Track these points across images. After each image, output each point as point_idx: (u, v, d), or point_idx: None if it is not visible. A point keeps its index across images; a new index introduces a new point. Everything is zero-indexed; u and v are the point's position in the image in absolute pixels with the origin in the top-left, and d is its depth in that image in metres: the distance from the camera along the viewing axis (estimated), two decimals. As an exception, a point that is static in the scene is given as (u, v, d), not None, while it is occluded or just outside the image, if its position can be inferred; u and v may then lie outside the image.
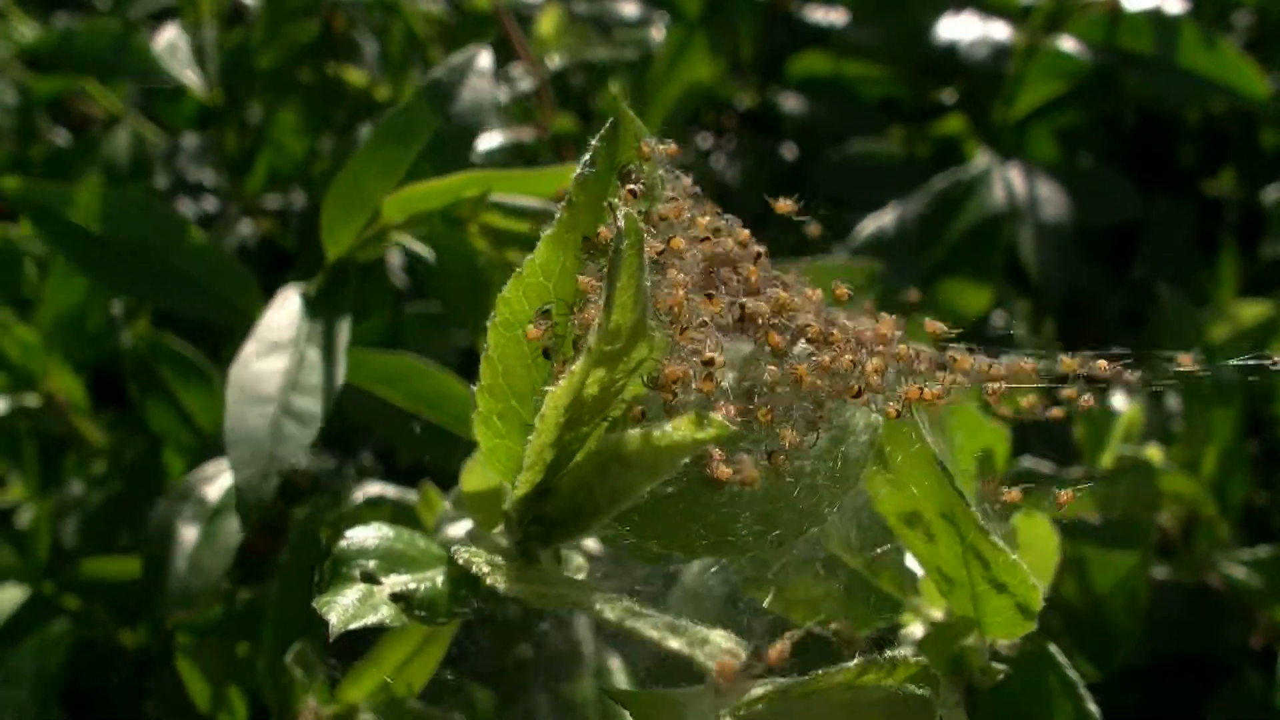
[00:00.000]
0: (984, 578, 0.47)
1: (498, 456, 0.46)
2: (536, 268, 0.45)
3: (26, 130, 1.33)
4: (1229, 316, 1.24)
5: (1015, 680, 0.51)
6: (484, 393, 0.45)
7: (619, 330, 0.39)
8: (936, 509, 0.47)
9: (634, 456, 0.39)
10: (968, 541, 0.46)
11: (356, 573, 0.46)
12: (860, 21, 1.42)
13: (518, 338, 0.45)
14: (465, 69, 0.73)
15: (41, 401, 1.01)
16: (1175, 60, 1.19)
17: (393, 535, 0.48)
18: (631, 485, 0.40)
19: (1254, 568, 0.98)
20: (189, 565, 0.77)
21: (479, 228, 0.64)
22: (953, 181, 1.15)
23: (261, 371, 0.66)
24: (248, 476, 0.63)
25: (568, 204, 0.45)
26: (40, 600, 0.93)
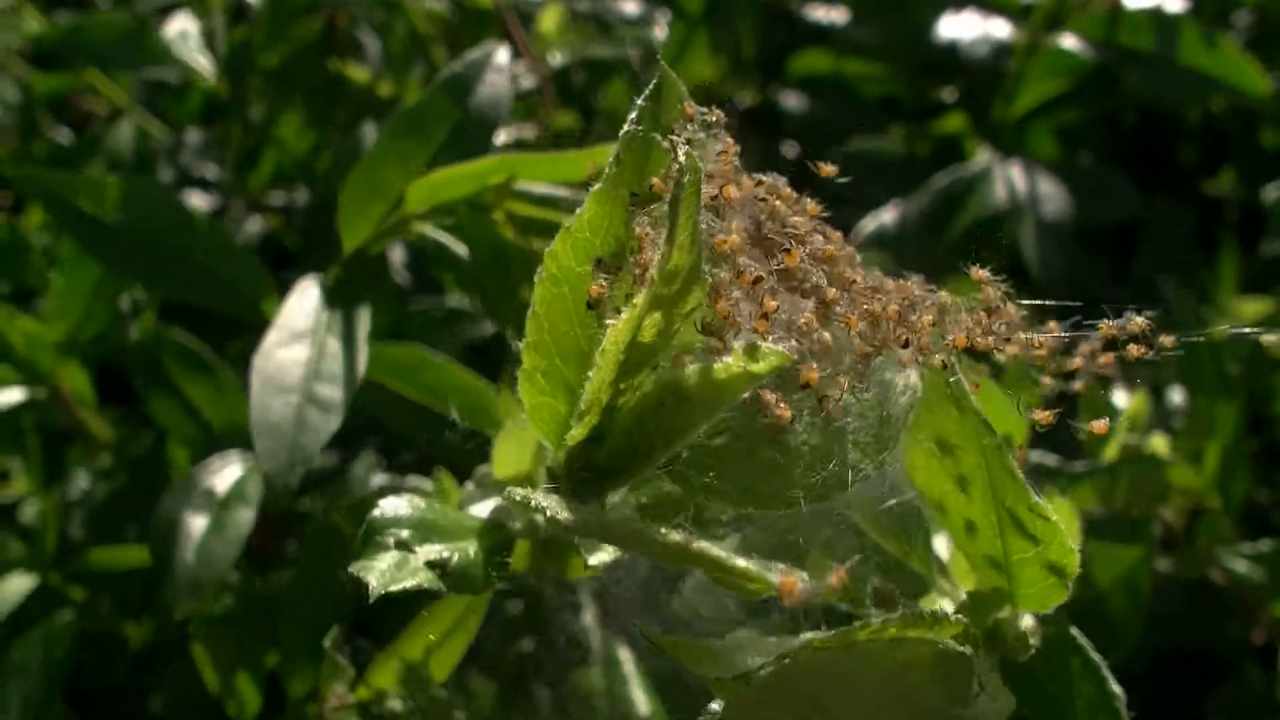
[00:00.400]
0: (1019, 546, 0.47)
1: (541, 415, 0.46)
2: (584, 223, 0.45)
3: (28, 127, 1.33)
4: (1229, 314, 1.24)
5: (1039, 663, 0.51)
6: (529, 349, 0.45)
7: (677, 272, 0.39)
8: (974, 469, 0.47)
9: (692, 390, 0.39)
10: (1005, 507, 0.46)
11: (390, 541, 0.46)
12: (861, 20, 1.42)
13: (564, 294, 0.45)
14: (483, 63, 0.74)
15: (47, 395, 1.01)
16: (1176, 58, 1.19)
17: (424, 506, 0.48)
18: (689, 421, 0.40)
19: (1256, 561, 0.98)
20: (197, 556, 0.77)
21: (504, 215, 0.65)
22: (954, 179, 1.15)
23: (284, 361, 0.66)
24: (275, 466, 0.63)
25: (615, 161, 0.45)
26: (46, 590, 0.93)
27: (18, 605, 0.91)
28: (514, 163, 0.64)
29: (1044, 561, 0.48)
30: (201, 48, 1.10)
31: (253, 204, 1.31)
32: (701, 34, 1.25)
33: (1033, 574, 0.49)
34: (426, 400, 0.77)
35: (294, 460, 0.63)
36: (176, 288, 0.80)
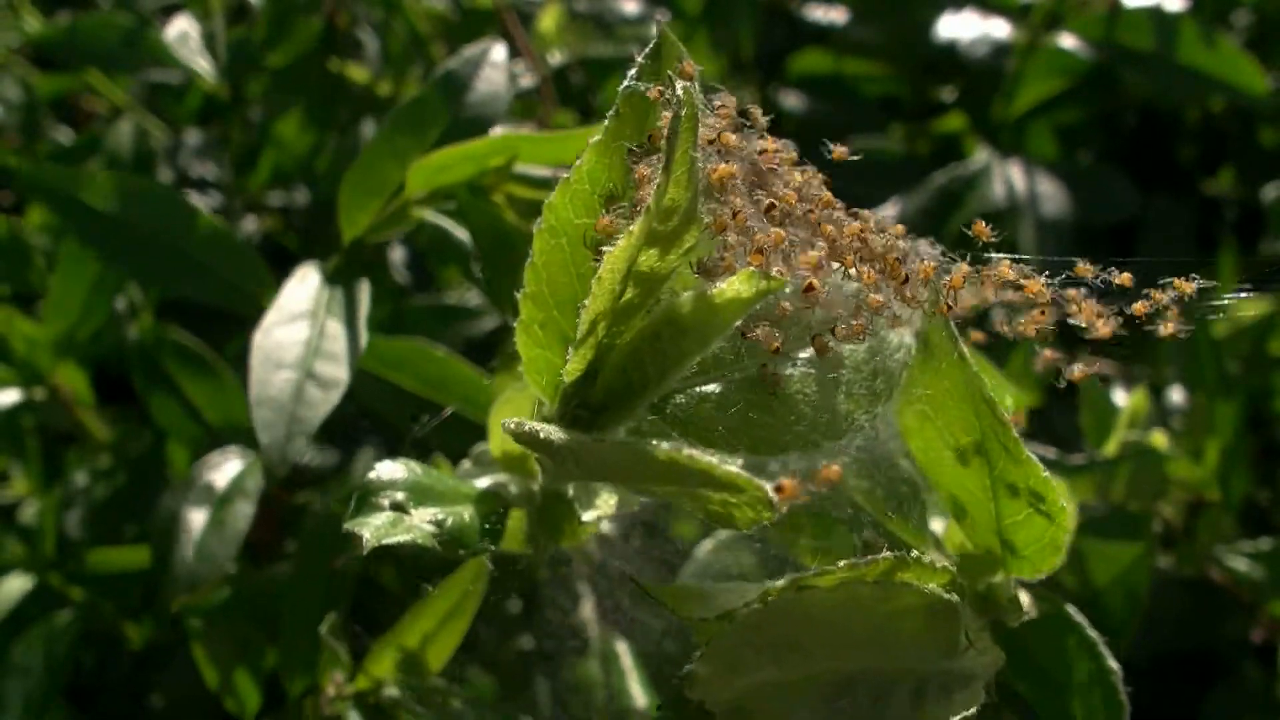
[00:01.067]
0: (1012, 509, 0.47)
1: (537, 367, 0.46)
2: (583, 175, 0.45)
3: (30, 127, 1.33)
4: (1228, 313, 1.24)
5: (1035, 640, 0.51)
6: (527, 300, 0.45)
7: (673, 207, 0.39)
8: (969, 432, 0.47)
9: (688, 319, 0.40)
10: (998, 471, 0.47)
11: (385, 502, 0.46)
12: (860, 19, 1.42)
13: (562, 245, 0.45)
14: (479, 61, 0.74)
15: (47, 396, 1.01)
16: (1174, 57, 1.19)
17: (420, 471, 0.48)
18: (684, 351, 0.40)
19: (1256, 560, 0.98)
20: (196, 552, 0.77)
21: (505, 198, 0.65)
22: (953, 177, 1.15)
23: (283, 339, 0.67)
24: (273, 436, 0.64)
25: (614, 115, 0.45)
26: (45, 590, 0.93)
27: (17, 605, 0.91)
28: (515, 143, 0.65)
29: (1038, 524, 0.48)
30: (202, 49, 1.10)
31: (252, 204, 1.32)
32: (701, 33, 1.25)
33: (1026, 537, 0.49)
34: (426, 393, 0.77)
35: (292, 432, 0.64)
36: (176, 283, 0.80)
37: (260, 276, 0.77)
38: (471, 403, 0.74)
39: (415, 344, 0.76)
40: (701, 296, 0.39)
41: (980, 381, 0.45)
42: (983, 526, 0.49)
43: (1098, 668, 0.52)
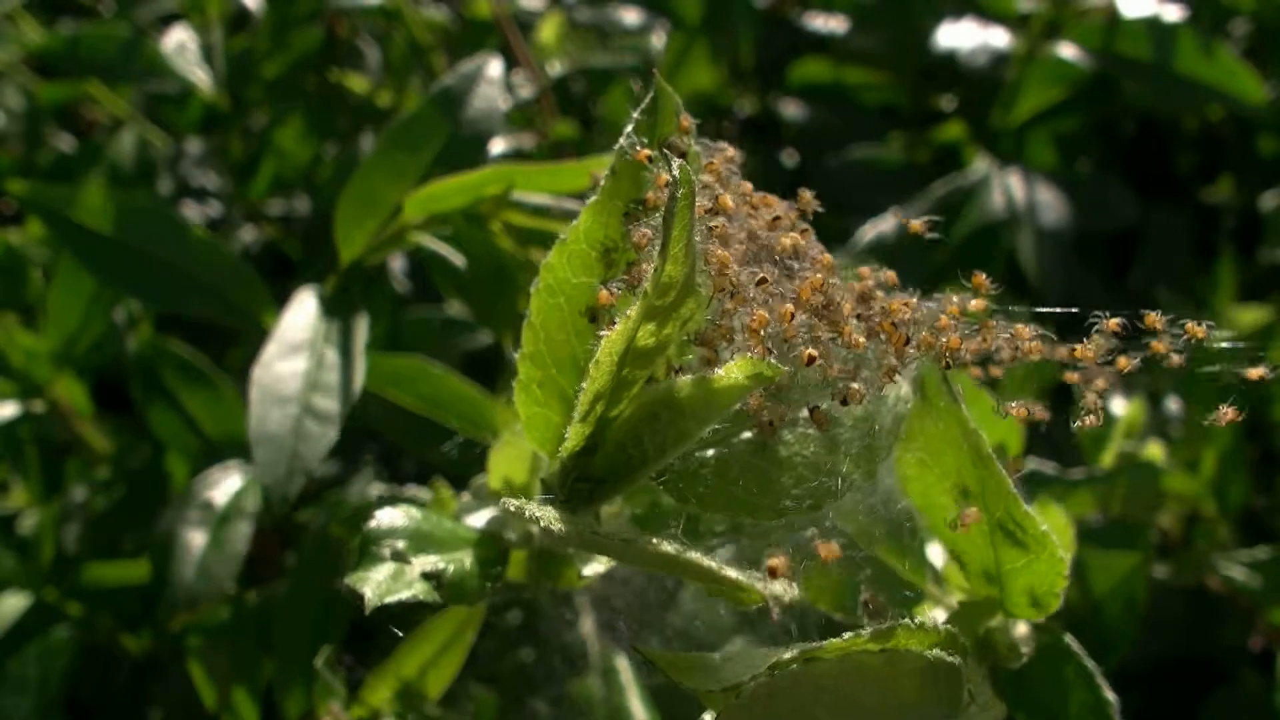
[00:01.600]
0: (1011, 555, 0.48)
1: (536, 425, 0.46)
2: (580, 235, 0.45)
3: (33, 136, 1.34)
4: (1227, 321, 1.24)
5: (1033, 670, 0.52)
6: (525, 360, 0.46)
7: (671, 283, 0.39)
8: (967, 480, 0.47)
9: (686, 402, 0.40)
10: (996, 517, 0.47)
11: (386, 552, 0.46)
12: (860, 28, 1.42)
13: (560, 305, 0.45)
14: (475, 76, 0.74)
15: (46, 408, 1.01)
16: (1173, 66, 1.19)
17: (420, 517, 0.48)
18: (682, 432, 0.41)
19: (1253, 568, 0.98)
20: (197, 571, 0.77)
21: (501, 226, 0.65)
22: (953, 187, 1.15)
23: (282, 373, 0.67)
24: (274, 476, 0.64)
25: (611, 173, 0.45)
26: (42, 607, 0.93)
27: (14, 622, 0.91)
28: (511, 173, 0.65)
29: (1035, 571, 0.48)
30: (200, 60, 1.10)
31: (252, 213, 1.32)
32: (701, 43, 1.25)
33: (1024, 583, 0.49)
34: (425, 410, 0.77)
35: (292, 471, 0.64)
36: (174, 302, 0.80)
37: (258, 293, 0.77)
38: (471, 421, 0.74)
39: (414, 361, 0.77)
40: (699, 381, 0.40)
41: (978, 436, 0.46)
42: (981, 571, 0.50)
43: (1094, 699, 0.53)
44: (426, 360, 0.77)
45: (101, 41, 1.12)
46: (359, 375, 0.68)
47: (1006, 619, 0.51)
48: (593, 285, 0.45)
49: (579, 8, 1.36)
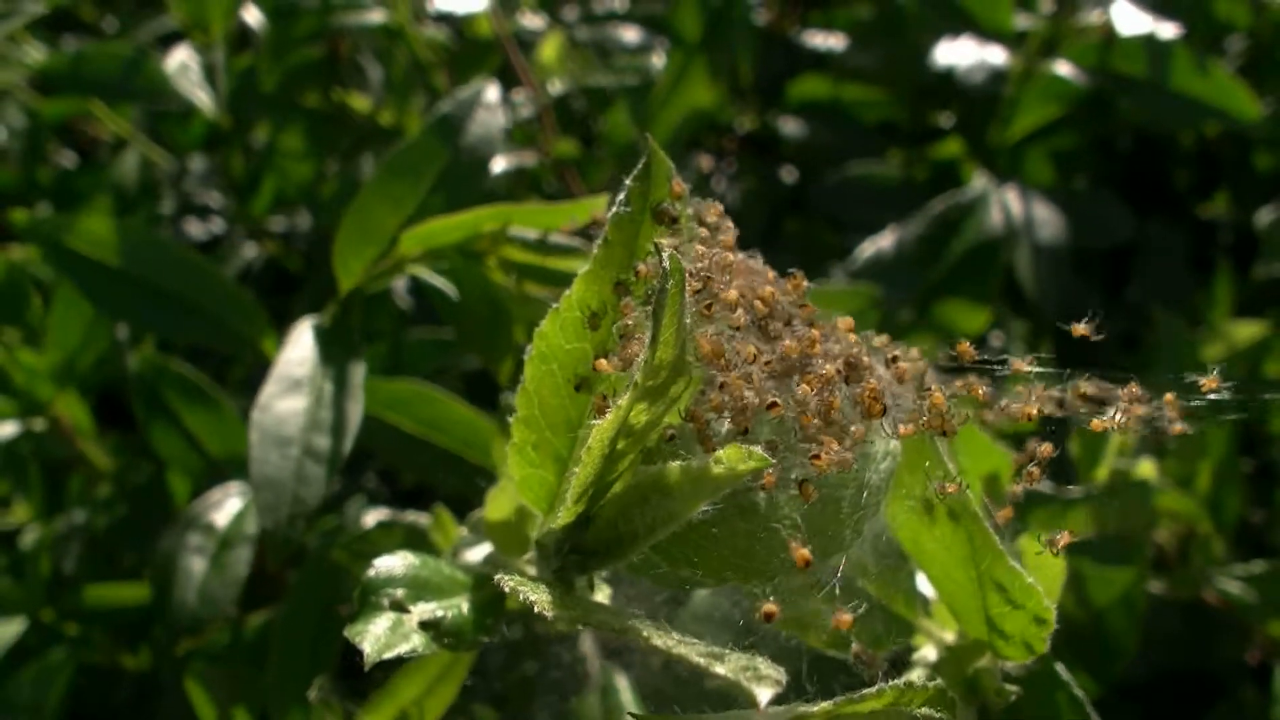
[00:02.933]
0: (998, 601, 0.48)
1: (530, 486, 0.47)
2: (573, 302, 0.46)
3: (34, 153, 1.34)
4: (1223, 337, 1.25)
5: (1025, 699, 0.52)
6: (519, 424, 0.46)
7: (662, 365, 0.40)
8: (954, 537, 0.48)
9: (674, 487, 0.40)
10: (983, 568, 0.47)
11: (385, 601, 0.46)
12: (859, 45, 1.43)
13: (553, 370, 0.46)
14: (473, 102, 0.74)
15: (47, 426, 1.01)
16: (1168, 83, 1.20)
17: (418, 563, 0.48)
18: (672, 514, 0.41)
19: (1249, 583, 0.99)
20: (198, 595, 0.78)
21: (497, 261, 0.65)
22: (951, 204, 1.16)
23: (282, 413, 0.67)
24: (275, 520, 0.64)
25: (603, 242, 0.46)
26: (40, 628, 0.93)
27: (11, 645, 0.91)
28: (507, 213, 0.65)
29: (1022, 619, 0.49)
30: (201, 81, 1.11)
31: (254, 230, 1.32)
32: (700, 61, 1.25)
33: (1012, 628, 0.50)
34: (423, 434, 0.78)
35: (294, 514, 0.64)
36: (174, 330, 0.80)
37: (256, 319, 0.78)
38: (470, 445, 0.75)
39: (413, 385, 0.77)
40: (689, 469, 0.40)
41: (966, 498, 0.46)
42: (970, 614, 0.50)
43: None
44: (425, 384, 0.78)
45: (104, 60, 1.12)
46: (358, 413, 0.68)
47: (995, 659, 0.52)
48: (585, 350, 0.46)
49: (579, 26, 1.36)
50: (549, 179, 1.27)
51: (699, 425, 0.42)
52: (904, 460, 0.48)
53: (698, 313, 0.44)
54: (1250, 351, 1.23)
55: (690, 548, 0.45)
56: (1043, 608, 0.48)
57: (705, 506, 0.40)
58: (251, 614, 0.85)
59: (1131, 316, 1.39)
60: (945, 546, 0.48)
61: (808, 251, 1.39)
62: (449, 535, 0.68)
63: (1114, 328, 1.39)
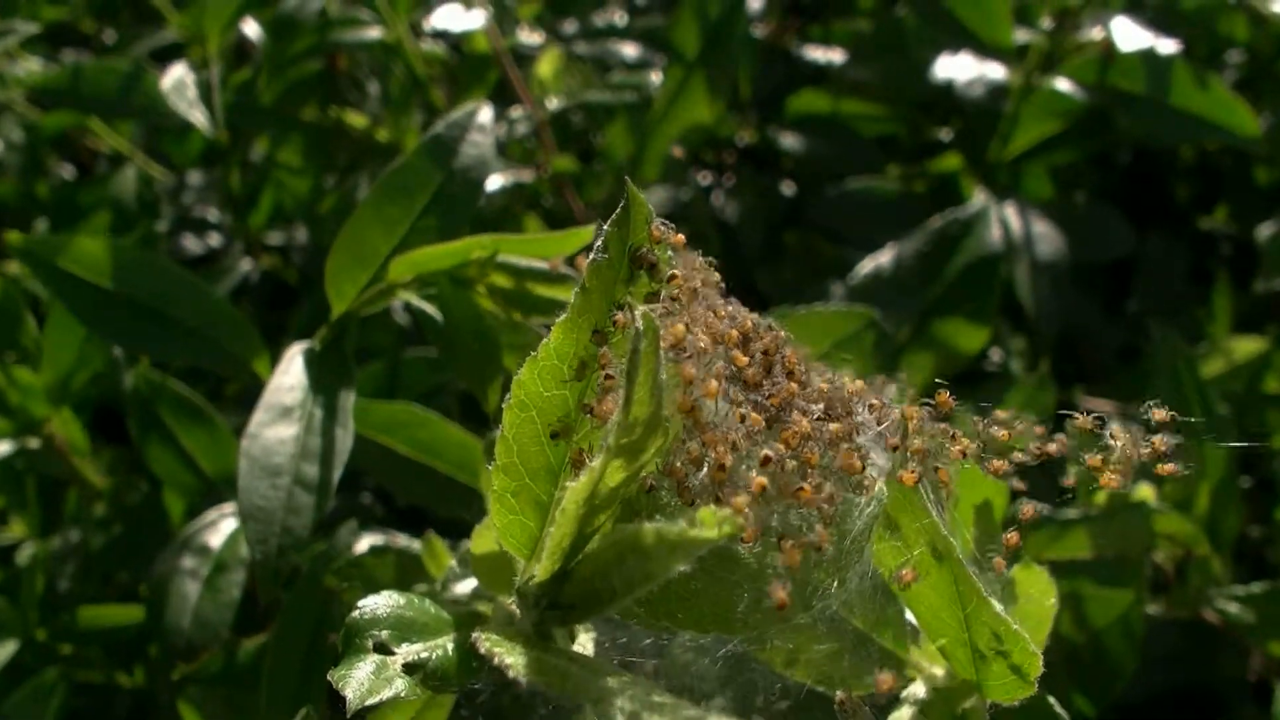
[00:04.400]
0: (986, 643, 0.48)
1: (512, 532, 0.47)
2: (551, 351, 0.46)
3: (33, 167, 1.34)
4: (1223, 352, 1.24)
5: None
6: (499, 472, 0.47)
7: (636, 423, 0.40)
8: (940, 578, 0.47)
9: (650, 550, 0.40)
10: (969, 610, 0.47)
11: (369, 643, 0.46)
12: (858, 59, 1.43)
13: (532, 418, 0.46)
14: (466, 124, 0.74)
15: (41, 444, 1.01)
16: (1168, 100, 1.20)
17: (404, 603, 0.48)
18: (649, 575, 0.41)
19: (1248, 603, 0.98)
20: (193, 620, 0.78)
21: (486, 288, 0.65)
22: (950, 220, 1.15)
23: (271, 441, 0.66)
24: (265, 552, 0.63)
25: (581, 289, 0.46)
26: (34, 647, 0.93)
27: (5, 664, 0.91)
28: (495, 242, 0.65)
29: (1010, 661, 0.48)
30: (197, 100, 1.10)
31: (252, 244, 1.32)
32: (698, 76, 1.25)
33: (999, 669, 0.49)
34: (417, 456, 0.78)
35: (284, 545, 0.63)
36: (167, 352, 0.80)
37: (250, 341, 0.77)
38: (463, 468, 0.75)
39: (408, 408, 0.77)
40: (665, 532, 0.39)
41: (950, 545, 0.46)
42: (958, 653, 0.50)
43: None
44: (419, 407, 0.78)
45: (102, 77, 1.12)
46: (348, 440, 0.67)
47: (982, 699, 0.51)
48: (565, 398, 0.46)
49: (578, 41, 1.36)
50: (547, 195, 1.27)
51: (677, 478, 0.42)
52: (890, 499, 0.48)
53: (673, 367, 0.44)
54: (1250, 366, 1.23)
55: (671, 600, 0.45)
56: (1029, 654, 0.48)
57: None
58: (246, 638, 0.85)
59: (1131, 329, 1.39)
60: (931, 587, 0.48)
61: (807, 265, 1.38)
62: (441, 562, 0.68)
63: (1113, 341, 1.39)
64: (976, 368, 1.26)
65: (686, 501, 0.42)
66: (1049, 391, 1.14)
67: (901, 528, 0.47)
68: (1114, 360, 1.40)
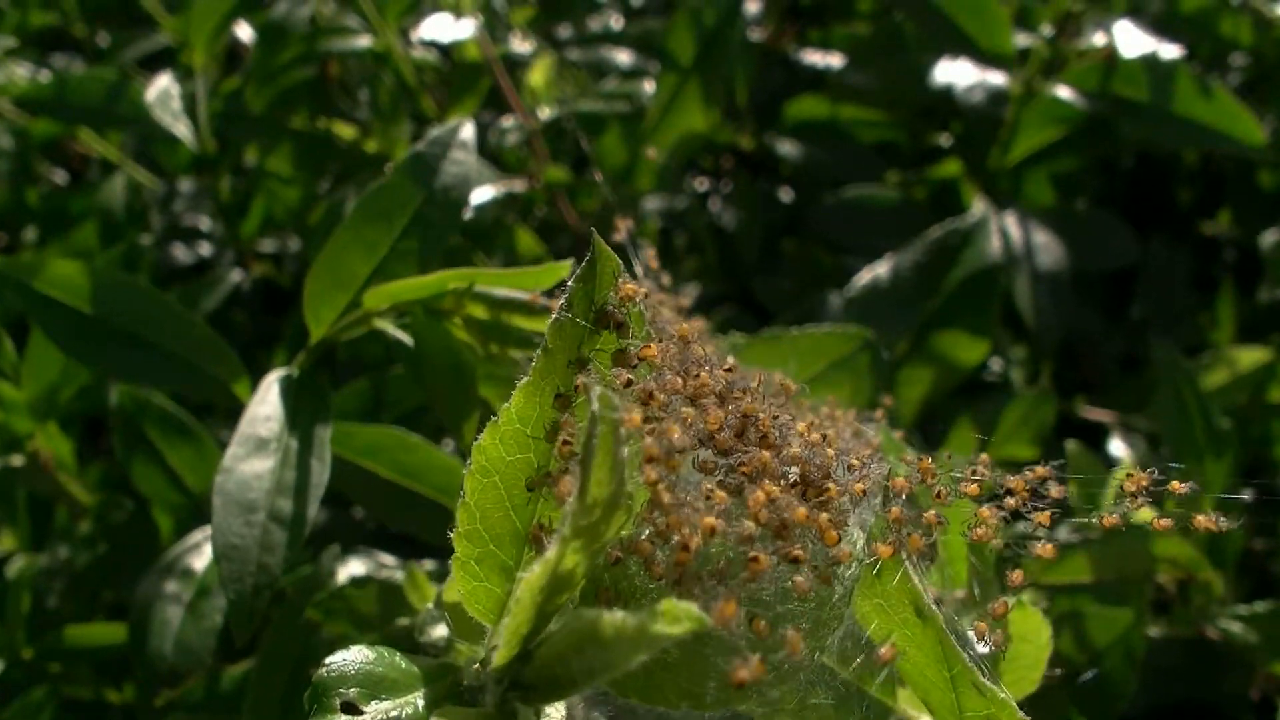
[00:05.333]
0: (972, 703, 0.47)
1: (477, 599, 0.46)
2: (513, 416, 0.45)
3: (23, 174, 1.33)
4: (1227, 361, 1.23)
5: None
6: (461, 539, 0.45)
7: (595, 505, 0.38)
8: (924, 632, 0.46)
9: (610, 642, 0.39)
10: (954, 673, 0.46)
11: (337, 703, 0.45)
12: (857, 64, 1.41)
13: (495, 484, 0.45)
14: (449, 141, 0.72)
15: (26, 461, 1.00)
16: (1171, 108, 1.18)
17: (373, 658, 0.46)
18: (609, 664, 0.39)
19: (1250, 622, 0.97)
20: (175, 646, 0.77)
21: (463, 319, 0.64)
22: (949, 231, 1.14)
23: (246, 476, 0.65)
24: (239, 591, 0.62)
25: (544, 351, 0.45)
26: (21, 666, 0.92)
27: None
28: (471, 275, 0.63)
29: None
30: (180, 113, 1.09)
31: (244, 253, 1.31)
32: (693, 84, 1.24)
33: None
34: (401, 481, 0.76)
35: (259, 584, 0.62)
36: (146, 376, 0.78)
37: (230, 365, 0.76)
38: (448, 492, 0.73)
39: (390, 431, 0.75)
40: (624, 625, 0.38)
41: (934, 615, 0.45)
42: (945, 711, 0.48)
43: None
44: (403, 431, 0.76)
45: (88, 87, 1.10)
46: (324, 474, 0.66)
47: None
48: (529, 460, 0.44)
49: (571, 47, 1.35)
50: (541, 204, 1.26)
51: (642, 554, 0.41)
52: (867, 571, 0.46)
53: (636, 443, 0.42)
54: (1253, 376, 1.21)
55: (640, 679, 0.43)
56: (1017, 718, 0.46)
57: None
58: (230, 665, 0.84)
59: (1133, 337, 1.38)
60: (917, 645, 0.46)
61: (805, 274, 1.37)
62: (424, 594, 0.67)
63: (1115, 349, 1.37)
64: (976, 378, 1.25)
65: (654, 577, 0.40)
66: (1049, 404, 1.13)
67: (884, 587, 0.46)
68: (1116, 369, 1.38)
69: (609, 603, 0.44)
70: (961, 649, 0.45)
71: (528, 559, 0.45)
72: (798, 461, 0.44)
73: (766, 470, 0.43)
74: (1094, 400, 1.29)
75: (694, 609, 0.36)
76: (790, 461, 0.44)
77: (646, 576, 0.41)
